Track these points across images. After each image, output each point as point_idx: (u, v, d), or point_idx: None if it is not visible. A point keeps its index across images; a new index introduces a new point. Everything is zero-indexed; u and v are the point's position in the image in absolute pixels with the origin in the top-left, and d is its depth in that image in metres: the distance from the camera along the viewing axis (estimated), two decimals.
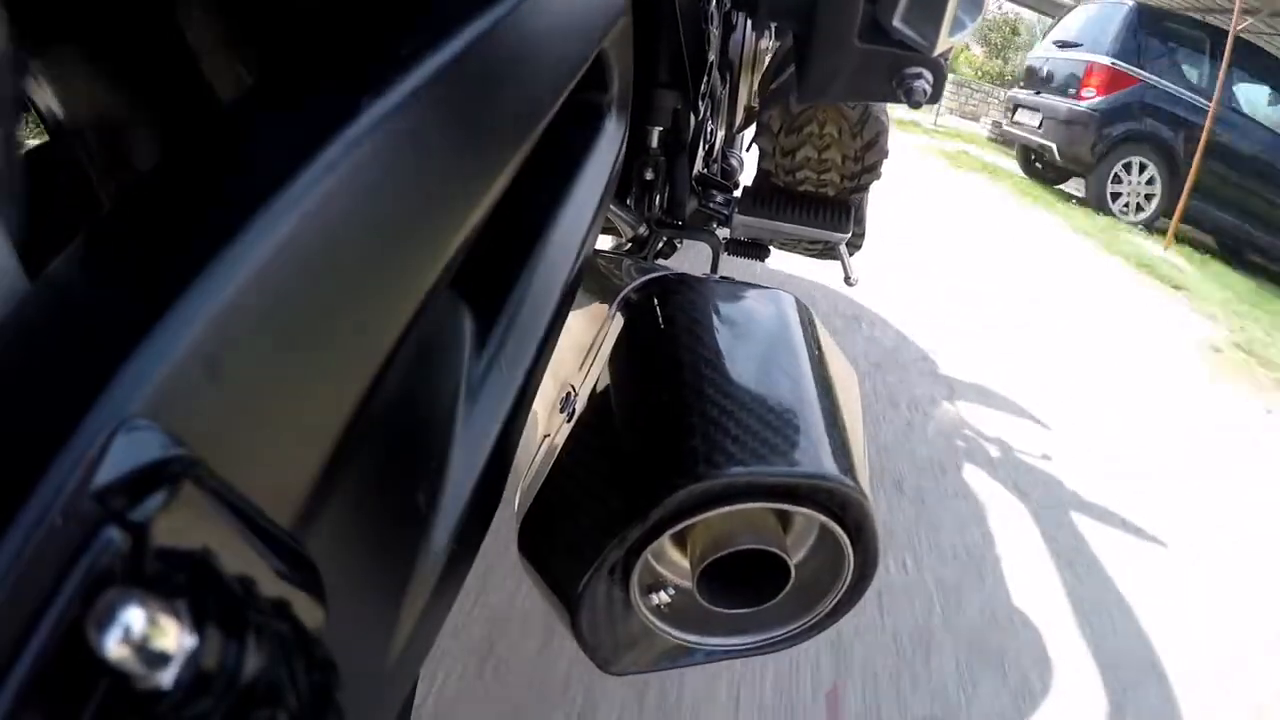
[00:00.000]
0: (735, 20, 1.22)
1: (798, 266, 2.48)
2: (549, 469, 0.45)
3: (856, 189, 1.24)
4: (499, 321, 0.35)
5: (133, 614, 0.12)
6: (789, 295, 0.53)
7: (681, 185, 1.02)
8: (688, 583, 0.42)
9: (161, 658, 0.12)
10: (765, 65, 1.47)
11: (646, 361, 0.47)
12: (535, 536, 0.45)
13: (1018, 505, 1.67)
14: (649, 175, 0.94)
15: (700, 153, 1.10)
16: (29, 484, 0.12)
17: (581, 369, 0.50)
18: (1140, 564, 1.57)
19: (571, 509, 0.43)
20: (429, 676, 0.95)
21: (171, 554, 0.13)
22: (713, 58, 0.91)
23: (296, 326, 0.19)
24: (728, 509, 0.39)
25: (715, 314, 0.49)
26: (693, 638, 0.46)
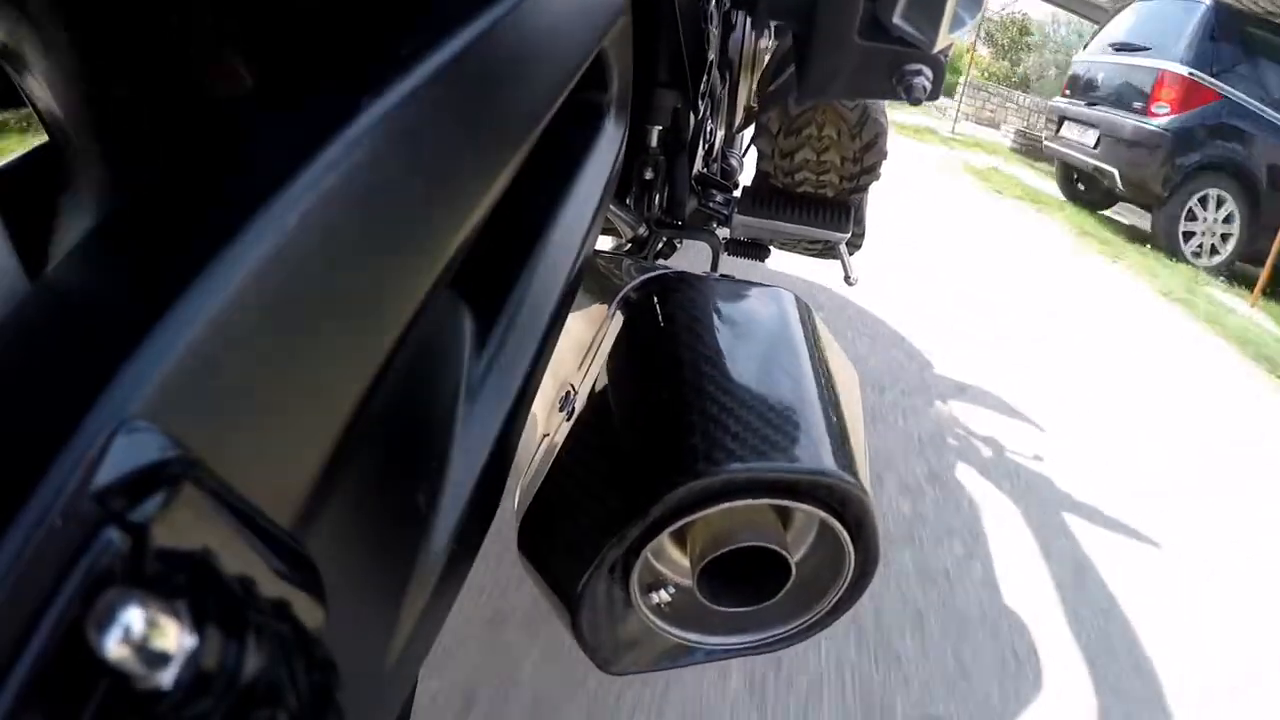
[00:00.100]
0: (735, 20, 1.21)
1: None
2: (549, 468, 0.45)
3: (856, 190, 1.24)
4: (499, 321, 0.35)
5: (133, 614, 0.12)
6: (789, 293, 0.53)
7: (681, 185, 1.02)
8: (688, 581, 0.42)
9: (161, 658, 0.13)
10: (764, 65, 1.47)
11: (646, 360, 0.47)
12: (535, 535, 0.45)
13: None
14: (649, 175, 0.94)
15: (700, 152, 1.10)
16: (29, 484, 0.12)
17: (581, 368, 0.50)
18: None
19: (571, 508, 0.43)
20: None
21: (171, 554, 0.13)
22: (712, 57, 0.91)
23: (296, 327, 0.19)
24: (727, 506, 0.39)
25: (715, 312, 0.49)
26: (693, 636, 0.46)
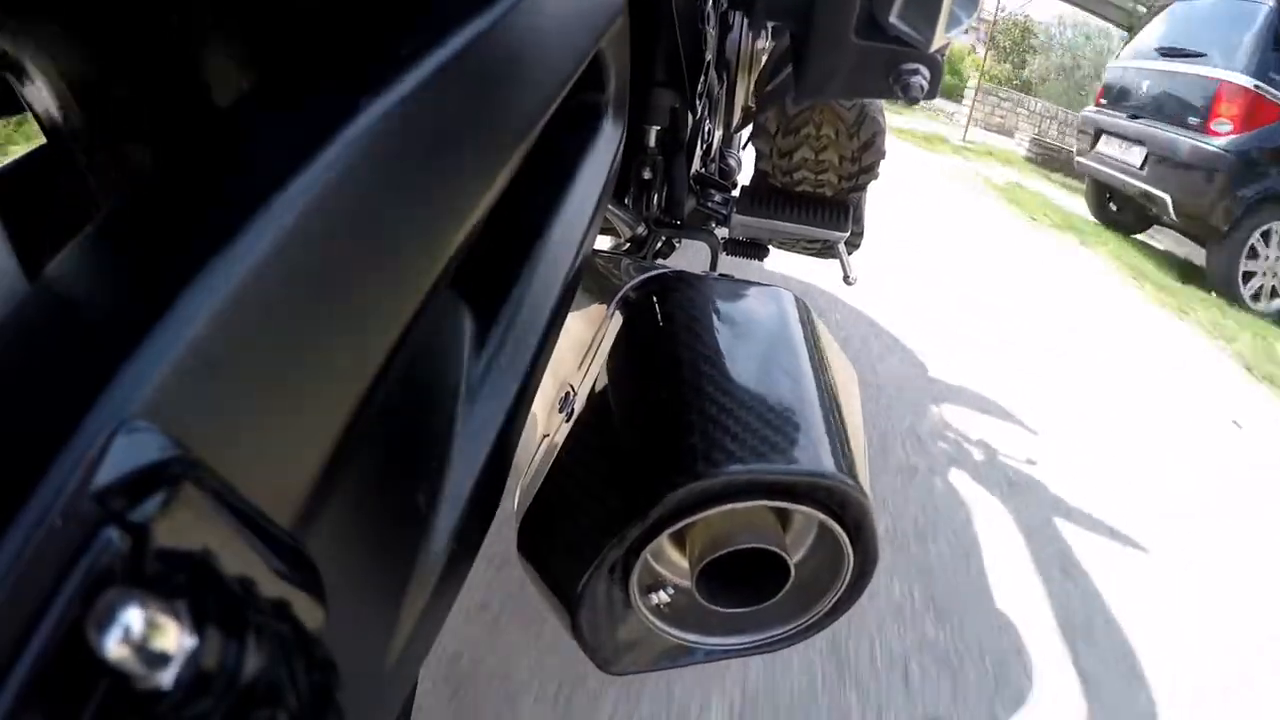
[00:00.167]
0: (732, 20, 1.22)
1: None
2: (548, 468, 0.45)
3: (854, 189, 1.24)
4: (498, 321, 0.35)
5: (133, 614, 0.12)
6: (788, 293, 0.53)
7: (679, 185, 1.02)
8: (687, 582, 0.42)
9: (161, 658, 0.12)
10: (762, 65, 1.47)
11: (645, 360, 0.47)
12: (535, 536, 0.45)
13: None
14: (647, 174, 0.94)
15: (698, 152, 1.10)
16: (29, 484, 0.12)
17: (581, 368, 0.50)
18: None
19: (571, 508, 0.43)
20: None
21: (171, 554, 0.13)
22: (710, 57, 0.91)
23: (296, 327, 0.19)
24: (727, 507, 0.39)
25: (714, 312, 0.49)
26: (692, 637, 0.46)
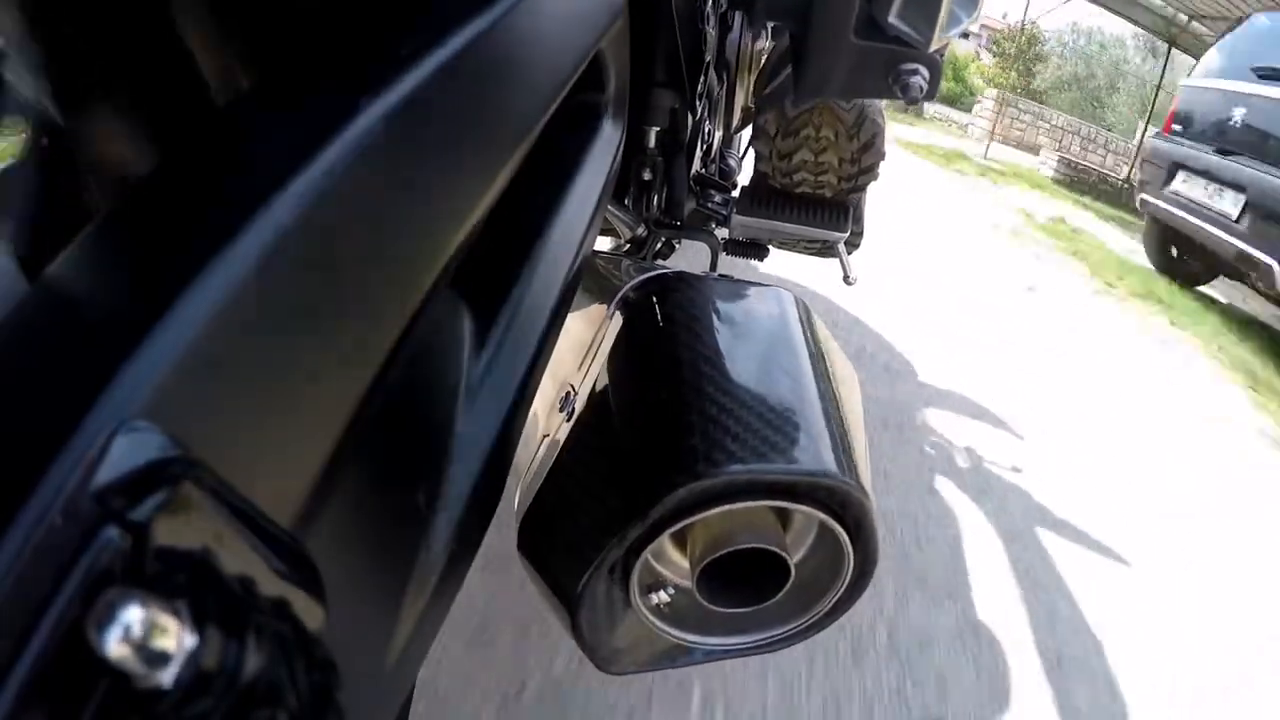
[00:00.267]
0: (731, 20, 1.22)
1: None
2: (548, 468, 0.45)
3: (854, 190, 1.24)
4: (498, 321, 0.35)
5: (133, 614, 0.12)
6: (788, 293, 0.53)
7: (679, 185, 1.02)
8: (687, 582, 0.42)
9: (162, 657, 0.12)
10: (761, 66, 1.47)
11: (645, 360, 0.47)
12: (535, 536, 0.45)
13: None
14: (647, 175, 0.94)
15: (698, 153, 1.10)
16: (29, 484, 0.12)
17: (581, 368, 0.50)
18: None
19: (571, 508, 0.43)
20: None
21: (171, 554, 0.13)
22: (709, 58, 0.91)
23: (296, 327, 0.19)
24: (727, 507, 0.39)
25: (714, 312, 0.49)
26: (692, 637, 0.46)
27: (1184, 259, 4.53)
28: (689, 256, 2.16)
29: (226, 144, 0.21)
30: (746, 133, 1.70)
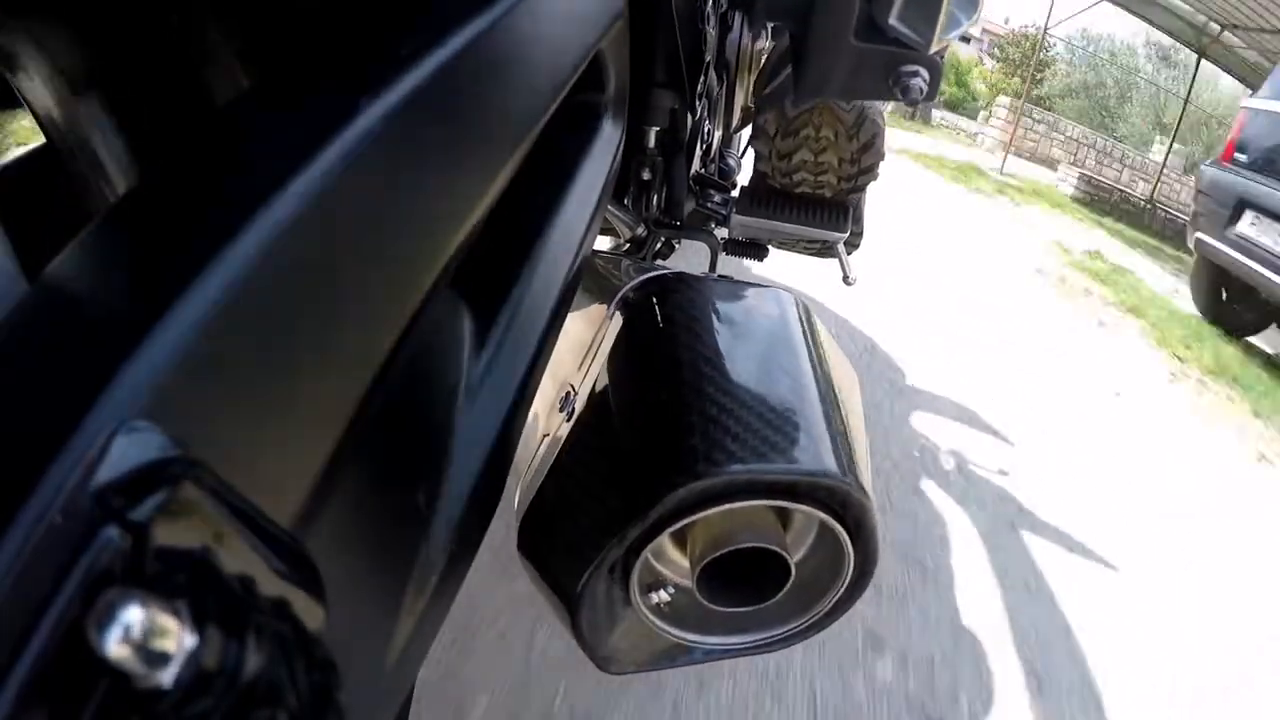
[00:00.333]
0: (731, 20, 1.22)
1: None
2: (548, 468, 0.45)
3: (853, 190, 1.24)
4: (498, 321, 0.35)
5: (133, 613, 0.12)
6: (788, 293, 0.53)
7: (679, 185, 1.02)
8: (688, 581, 0.42)
9: (162, 657, 0.12)
10: (761, 66, 1.47)
11: (645, 360, 0.47)
12: (535, 535, 0.45)
13: None
14: (646, 175, 0.94)
15: (697, 153, 1.10)
16: (29, 484, 0.12)
17: (580, 368, 0.50)
18: None
19: (571, 508, 0.43)
20: None
21: (171, 554, 0.13)
22: (709, 58, 0.91)
23: (296, 327, 0.19)
24: (727, 507, 0.39)
25: (714, 312, 0.49)
26: (692, 636, 0.46)
27: (1235, 305, 3.99)
28: (689, 256, 2.14)
29: (226, 144, 0.21)
30: (746, 132, 1.70)
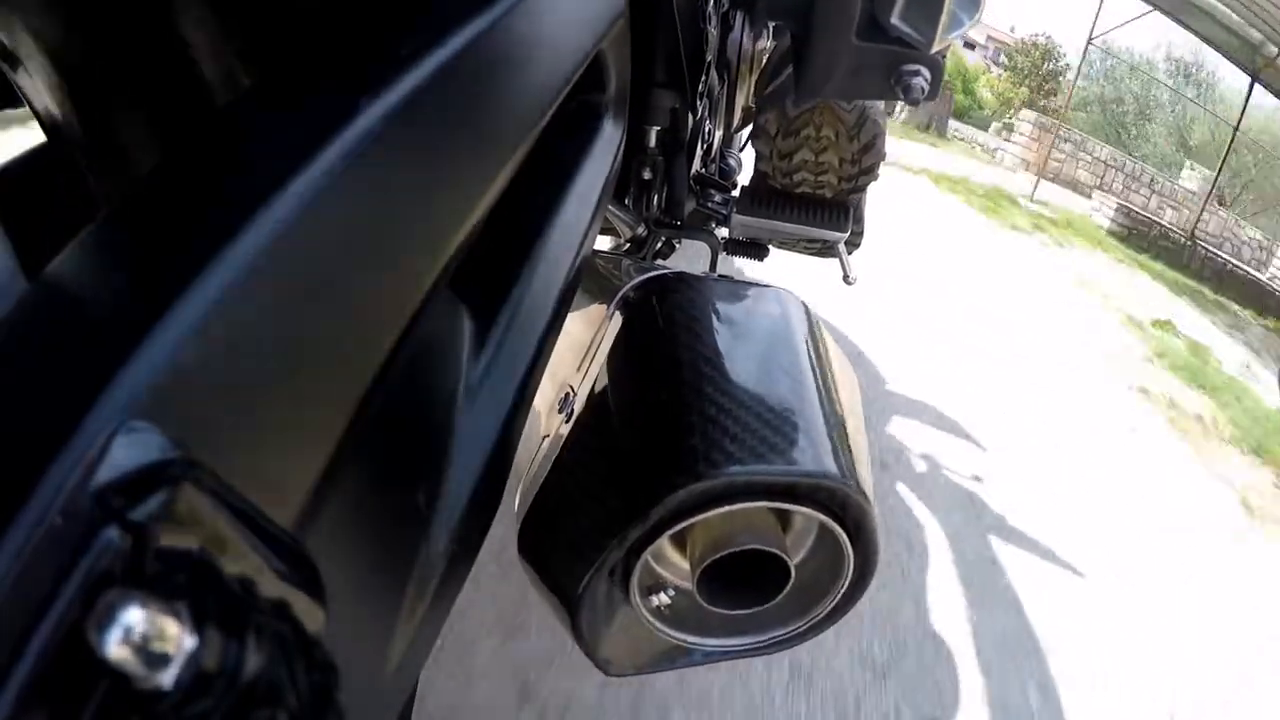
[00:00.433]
0: (733, 20, 1.22)
1: None
2: (548, 469, 0.45)
3: (854, 190, 1.24)
4: (498, 322, 0.35)
5: (133, 615, 0.12)
6: (789, 294, 0.53)
7: (679, 185, 1.02)
8: (688, 584, 0.42)
9: (162, 658, 0.12)
10: (762, 66, 1.47)
11: (645, 361, 0.47)
12: (535, 537, 0.45)
13: None
14: (647, 175, 0.94)
15: (698, 152, 1.10)
16: (29, 484, 0.12)
17: (580, 369, 0.50)
18: None
19: (571, 509, 0.43)
20: None
21: (171, 555, 0.13)
22: (710, 57, 0.91)
23: (296, 327, 0.19)
24: (727, 509, 0.39)
25: (714, 313, 0.49)
26: (692, 638, 0.46)
27: None
28: (689, 256, 2.13)
29: (226, 144, 0.21)
30: (747, 132, 1.70)
